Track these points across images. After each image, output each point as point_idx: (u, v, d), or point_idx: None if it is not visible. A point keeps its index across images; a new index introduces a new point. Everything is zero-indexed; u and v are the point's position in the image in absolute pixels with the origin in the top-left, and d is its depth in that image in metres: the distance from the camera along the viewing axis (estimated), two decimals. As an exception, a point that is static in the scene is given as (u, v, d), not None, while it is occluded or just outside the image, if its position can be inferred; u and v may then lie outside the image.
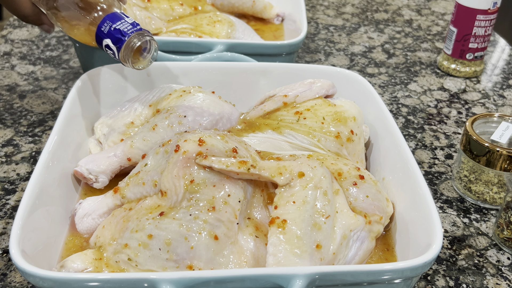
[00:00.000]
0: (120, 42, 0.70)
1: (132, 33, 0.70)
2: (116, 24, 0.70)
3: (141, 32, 0.71)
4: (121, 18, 0.71)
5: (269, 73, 0.83)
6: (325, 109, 0.72)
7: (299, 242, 0.54)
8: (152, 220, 0.56)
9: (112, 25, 0.70)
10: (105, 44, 0.71)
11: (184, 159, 0.58)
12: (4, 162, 0.81)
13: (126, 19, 0.71)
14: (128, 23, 0.71)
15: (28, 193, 0.57)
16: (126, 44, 0.70)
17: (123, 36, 0.70)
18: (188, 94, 0.73)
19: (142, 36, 0.71)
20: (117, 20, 0.71)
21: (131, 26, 0.71)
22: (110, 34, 0.70)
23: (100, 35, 0.71)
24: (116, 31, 0.70)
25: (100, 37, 0.71)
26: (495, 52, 1.23)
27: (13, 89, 0.99)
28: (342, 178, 0.62)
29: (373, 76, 1.10)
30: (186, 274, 0.48)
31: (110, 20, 0.70)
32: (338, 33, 1.27)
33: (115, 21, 0.70)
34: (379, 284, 0.53)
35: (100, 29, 0.71)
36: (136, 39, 0.70)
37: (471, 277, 0.66)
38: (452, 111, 1.00)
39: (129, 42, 0.70)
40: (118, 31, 0.70)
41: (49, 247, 0.59)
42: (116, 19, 0.71)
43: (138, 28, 0.71)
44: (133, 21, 0.72)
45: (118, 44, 0.70)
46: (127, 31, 0.70)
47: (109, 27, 0.70)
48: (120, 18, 0.71)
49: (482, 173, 0.76)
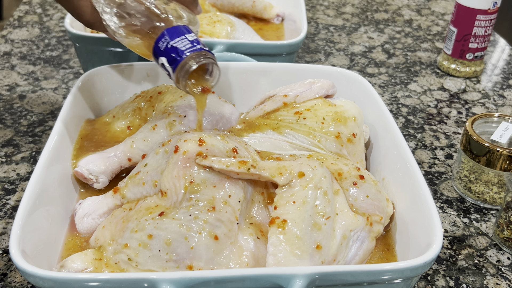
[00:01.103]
0: (175, 62, 0.60)
1: (189, 53, 0.60)
2: (174, 41, 0.61)
3: (200, 53, 0.61)
4: (182, 34, 0.62)
5: (269, 73, 0.83)
6: (325, 109, 0.72)
7: (299, 242, 0.54)
8: (152, 220, 0.56)
9: (170, 41, 0.61)
10: (161, 62, 0.62)
11: (184, 159, 0.58)
12: (4, 162, 0.81)
13: (187, 36, 0.62)
14: (187, 41, 0.61)
15: (28, 193, 0.57)
16: (181, 66, 0.60)
17: (179, 56, 0.60)
18: (188, 94, 0.73)
19: (202, 58, 0.61)
20: (176, 36, 0.61)
21: (191, 44, 0.61)
22: (166, 52, 0.61)
23: (157, 52, 0.62)
24: (172, 50, 0.60)
25: (157, 53, 0.62)
26: (495, 52, 1.23)
27: (13, 89, 0.99)
28: (342, 178, 0.62)
29: (373, 76, 1.10)
30: (186, 274, 0.48)
31: (169, 36, 0.61)
32: (338, 33, 1.27)
33: (174, 37, 0.61)
34: (379, 284, 0.53)
35: (157, 44, 0.62)
36: (193, 60, 0.60)
37: (471, 277, 0.66)
38: (452, 111, 1.00)
39: (184, 63, 0.60)
40: (175, 50, 0.60)
41: (49, 247, 0.59)
42: (175, 34, 0.61)
43: (198, 48, 0.61)
44: (195, 38, 0.62)
45: (172, 64, 0.60)
46: (184, 50, 0.60)
47: (166, 44, 0.61)
48: (180, 34, 0.61)
49: (482, 173, 0.76)
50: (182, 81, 0.61)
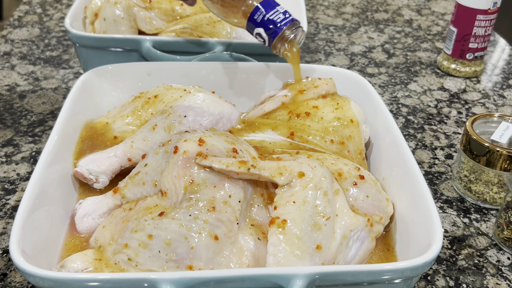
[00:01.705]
0: (274, 33, 0.71)
1: (285, 25, 0.71)
2: (269, 14, 0.71)
3: (293, 23, 0.72)
4: (274, 6, 0.72)
5: (269, 73, 0.83)
6: (325, 109, 0.72)
7: (299, 243, 0.54)
8: (152, 220, 0.56)
9: (266, 14, 0.71)
10: (257, 32, 0.72)
11: (184, 159, 0.58)
12: (4, 162, 0.81)
13: (279, 9, 0.72)
14: (280, 13, 0.72)
15: (28, 193, 0.57)
16: (280, 36, 0.71)
17: (277, 28, 0.71)
18: (188, 94, 0.73)
19: (296, 28, 0.72)
20: (270, 9, 0.72)
21: (283, 16, 0.72)
22: (263, 23, 0.71)
23: (253, 23, 0.72)
24: (269, 22, 0.71)
25: (253, 25, 0.72)
26: (495, 52, 1.23)
27: (13, 89, 0.99)
28: (342, 178, 0.62)
29: (373, 76, 1.10)
30: (186, 274, 0.48)
31: (264, 9, 0.71)
32: (338, 33, 1.27)
33: (268, 10, 0.71)
34: (379, 284, 0.53)
35: (253, 17, 0.72)
36: (289, 31, 0.72)
37: (471, 277, 0.66)
38: (452, 111, 1.00)
39: (282, 34, 0.71)
40: (272, 22, 0.71)
41: (49, 247, 0.59)
42: (269, 7, 0.72)
43: (291, 19, 0.72)
44: (285, 10, 0.73)
45: (271, 35, 0.71)
46: (280, 22, 0.71)
47: (262, 17, 0.71)
48: (273, 7, 0.72)
49: (482, 173, 0.76)
50: (280, 48, 0.73)
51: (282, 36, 0.72)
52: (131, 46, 0.90)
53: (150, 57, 0.87)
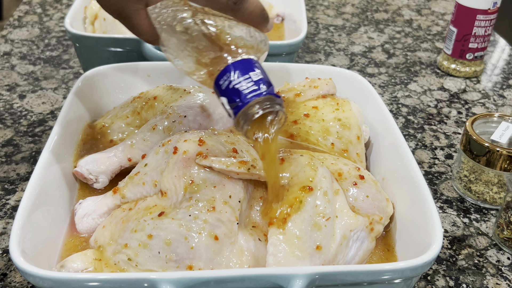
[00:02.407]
0: (236, 107, 0.52)
1: (253, 98, 0.52)
2: (238, 81, 0.52)
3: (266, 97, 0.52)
4: (246, 72, 0.53)
5: (269, 73, 0.83)
6: (325, 109, 0.72)
7: (299, 242, 0.54)
8: (151, 220, 0.56)
9: (232, 81, 0.53)
10: (221, 101, 0.54)
11: (184, 159, 0.58)
12: (4, 162, 0.81)
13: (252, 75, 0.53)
14: (252, 81, 0.52)
15: (28, 193, 0.57)
16: (243, 112, 0.52)
17: (241, 102, 0.52)
18: (188, 94, 0.73)
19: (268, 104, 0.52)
20: (240, 75, 0.53)
21: (256, 87, 0.52)
22: (227, 92, 0.53)
23: (217, 89, 0.54)
24: (234, 91, 0.52)
25: (218, 91, 0.55)
26: (495, 52, 1.23)
27: (13, 89, 0.99)
28: (342, 178, 0.62)
29: (373, 76, 1.10)
30: (186, 274, 0.48)
31: (232, 74, 0.53)
32: (338, 33, 1.27)
33: (237, 76, 0.53)
34: (379, 284, 0.53)
35: (218, 82, 0.54)
36: (257, 107, 0.52)
37: (471, 277, 0.66)
38: (452, 111, 1.00)
39: (246, 110, 0.52)
40: (237, 92, 0.52)
41: (49, 247, 0.59)
42: (239, 73, 0.53)
43: (263, 92, 0.52)
44: (261, 78, 0.53)
45: (234, 108, 0.53)
46: (247, 94, 0.52)
47: (228, 84, 0.53)
48: (246, 71, 0.53)
49: (482, 173, 0.76)
50: (244, 127, 0.53)
51: (245, 112, 0.52)
52: (131, 46, 0.90)
53: (150, 57, 0.87)
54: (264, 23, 0.59)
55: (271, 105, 0.52)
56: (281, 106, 0.53)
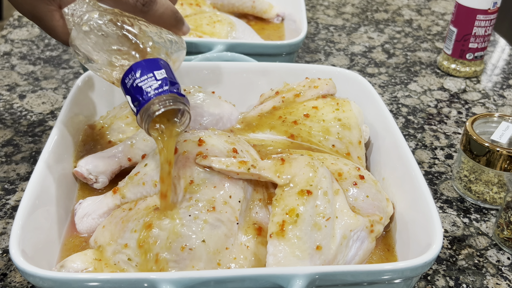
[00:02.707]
0: (139, 105, 0.53)
1: (155, 96, 0.52)
2: (141, 79, 0.53)
3: (169, 95, 0.53)
4: (150, 70, 0.53)
5: (269, 73, 0.83)
6: (325, 109, 0.72)
7: (299, 243, 0.54)
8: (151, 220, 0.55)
9: (136, 79, 0.53)
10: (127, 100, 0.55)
11: (184, 159, 0.58)
12: (4, 162, 0.81)
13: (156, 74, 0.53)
14: (154, 80, 0.53)
15: (28, 193, 0.57)
16: (144, 109, 0.53)
17: (143, 99, 0.52)
18: (188, 94, 0.73)
19: (170, 102, 0.53)
20: (144, 74, 0.53)
21: (157, 85, 0.52)
22: (131, 90, 0.53)
23: (123, 88, 0.55)
24: (137, 89, 0.53)
25: (123, 89, 0.55)
26: (495, 52, 1.23)
27: (13, 89, 0.99)
28: (342, 178, 0.62)
29: (373, 76, 1.10)
30: (186, 274, 0.48)
31: (136, 72, 0.53)
32: (338, 33, 1.27)
33: (140, 74, 0.53)
34: (379, 284, 0.53)
35: (124, 80, 0.54)
36: (158, 105, 0.52)
37: (471, 277, 0.66)
38: (452, 111, 1.00)
39: (147, 107, 0.52)
40: (139, 90, 0.52)
41: (49, 247, 0.59)
42: (143, 71, 0.53)
43: (165, 90, 0.53)
44: (164, 76, 0.53)
45: (136, 107, 0.53)
46: (149, 91, 0.52)
47: (132, 82, 0.53)
48: (150, 71, 0.53)
49: (482, 173, 0.76)
50: (144, 125, 0.54)
51: (147, 109, 0.52)
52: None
53: (150, 57, 0.87)
54: (178, 25, 0.60)
55: (174, 103, 0.53)
56: (185, 105, 0.54)
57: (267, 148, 0.69)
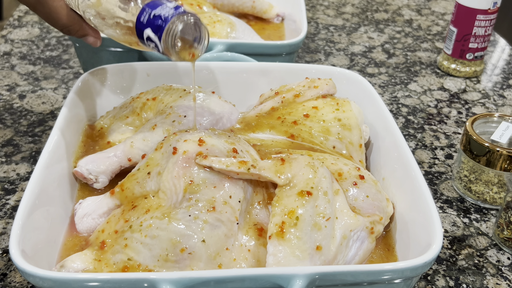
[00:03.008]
0: (161, 28, 0.58)
1: (173, 16, 0.58)
2: (156, 10, 0.59)
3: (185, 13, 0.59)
4: (162, 3, 0.60)
5: (269, 73, 0.83)
6: (325, 109, 0.72)
7: (299, 243, 0.54)
8: (151, 220, 0.55)
9: (151, 12, 0.59)
10: (147, 36, 0.60)
11: (184, 159, 0.58)
12: (4, 162, 0.81)
13: (168, 4, 0.60)
14: (169, 7, 0.59)
15: (28, 193, 0.57)
16: (167, 30, 0.58)
17: (163, 22, 0.58)
18: (188, 94, 0.73)
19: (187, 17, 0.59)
20: (158, 6, 0.59)
21: (173, 10, 0.59)
22: (149, 22, 0.59)
23: (140, 27, 0.60)
24: (155, 18, 0.58)
25: (140, 29, 0.60)
26: (495, 52, 1.23)
27: (13, 89, 0.99)
28: (342, 178, 0.62)
29: (373, 76, 1.10)
30: (186, 274, 0.48)
31: (150, 7, 0.59)
32: (338, 33, 1.27)
33: (155, 7, 0.59)
34: (379, 284, 0.53)
35: (140, 20, 0.60)
36: (178, 22, 0.58)
37: (471, 277, 0.66)
38: (452, 111, 1.00)
39: (169, 26, 0.58)
40: (158, 17, 0.58)
41: (49, 247, 0.59)
42: (156, 4, 0.59)
43: (181, 11, 0.59)
44: (176, 4, 0.60)
45: (159, 32, 0.58)
46: (168, 15, 0.58)
47: (148, 15, 0.59)
48: (161, 3, 0.60)
49: (482, 173, 0.76)
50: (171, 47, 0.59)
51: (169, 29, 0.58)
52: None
53: (150, 57, 0.87)
54: None
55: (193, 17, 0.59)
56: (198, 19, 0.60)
57: (267, 148, 0.69)
